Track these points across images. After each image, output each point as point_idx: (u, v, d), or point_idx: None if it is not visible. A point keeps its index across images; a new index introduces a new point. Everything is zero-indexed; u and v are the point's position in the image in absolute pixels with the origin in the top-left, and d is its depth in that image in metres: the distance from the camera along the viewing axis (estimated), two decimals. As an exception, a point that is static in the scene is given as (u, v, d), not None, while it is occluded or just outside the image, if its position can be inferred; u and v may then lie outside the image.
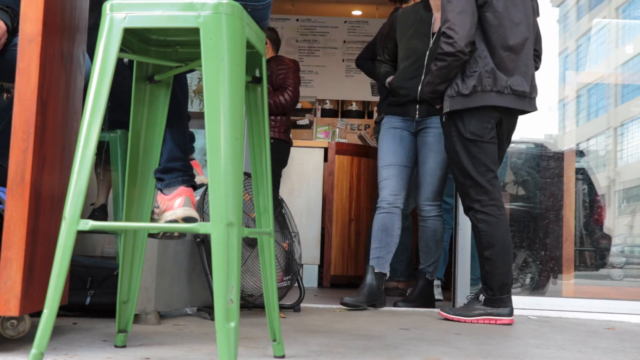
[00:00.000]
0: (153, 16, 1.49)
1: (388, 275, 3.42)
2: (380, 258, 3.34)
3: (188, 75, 2.06)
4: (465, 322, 2.82)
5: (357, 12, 7.22)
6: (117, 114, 2.38)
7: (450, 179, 3.54)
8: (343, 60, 7.06)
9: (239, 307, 1.38)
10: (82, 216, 1.45)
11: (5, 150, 1.68)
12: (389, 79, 3.64)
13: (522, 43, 2.87)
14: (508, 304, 2.84)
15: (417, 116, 3.46)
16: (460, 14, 2.75)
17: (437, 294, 4.04)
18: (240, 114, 1.46)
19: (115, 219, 2.64)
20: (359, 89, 6.73)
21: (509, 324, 2.80)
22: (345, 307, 3.21)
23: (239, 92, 1.46)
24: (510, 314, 2.83)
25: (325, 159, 5.04)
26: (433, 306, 3.43)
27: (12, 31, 1.94)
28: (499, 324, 2.79)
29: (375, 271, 3.31)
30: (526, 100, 2.90)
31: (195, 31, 1.46)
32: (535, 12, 3.04)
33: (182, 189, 1.85)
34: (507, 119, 2.91)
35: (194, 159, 2.77)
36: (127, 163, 1.80)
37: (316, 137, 6.14)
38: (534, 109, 2.97)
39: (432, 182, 3.43)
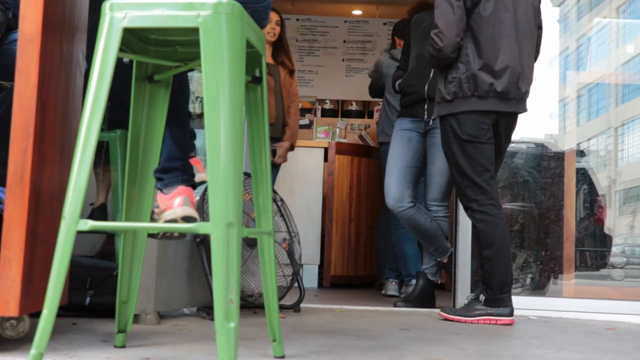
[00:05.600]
0: (152, 16, 1.49)
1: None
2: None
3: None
4: (465, 322, 2.82)
5: (357, 12, 7.22)
6: (116, 114, 2.37)
7: None
8: (343, 60, 7.06)
9: (239, 307, 1.38)
10: (82, 216, 1.44)
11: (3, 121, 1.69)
12: (397, 82, 3.67)
13: (512, 44, 2.85)
14: (508, 303, 2.84)
15: (425, 116, 3.49)
16: (447, 20, 2.80)
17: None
18: (240, 114, 1.46)
19: (115, 219, 2.63)
20: (359, 88, 6.73)
21: (510, 324, 2.80)
22: (345, 308, 3.21)
23: (239, 92, 1.46)
24: (511, 313, 2.82)
25: (325, 159, 5.04)
26: (433, 306, 3.43)
27: (8, 28, 1.94)
28: (500, 324, 2.79)
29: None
30: (512, 102, 2.87)
31: (194, 31, 1.45)
32: (537, 11, 3.02)
33: (181, 188, 1.85)
34: (503, 119, 2.91)
35: (195, 155, 2.77)
36: (126, 163, 1.80)
37: (316, 137, 6.14)
38: (522, 110, 2.95)
39: (439, 183, 3.44)
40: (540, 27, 3.06)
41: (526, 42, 2.92)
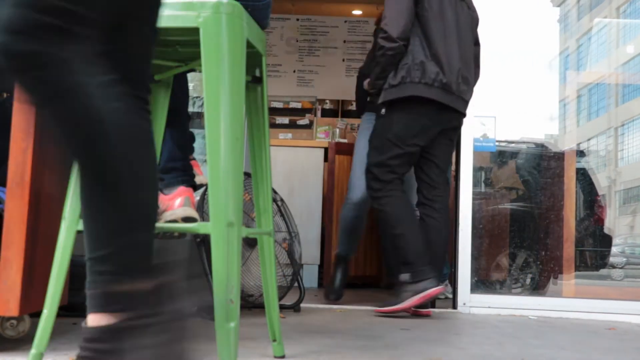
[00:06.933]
0: (153, 16, 1.48)
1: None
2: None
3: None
4: (398, 310, 2.87)
5: (357, 12, 7.21)
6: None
7: None
8: (343, 60, 7.05)
9: (239, 307, 1.38)
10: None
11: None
12: (366, 81, 3.69)
13: (453, 43, 2.96)
14: (430, 274, 2.85)
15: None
16: (396, 11, 2.94)
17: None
18: (240, 114, 1.46)
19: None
20: (359, 88, 6.73)
21: (441, 292, 2.89)
22: (345, 308, 3.21)
23: (239, 92, 1.46)
24: (437, 283, 2.85)
25: (326, 159, 5.03)
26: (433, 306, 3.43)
27: None
28: (434, 296, 2.85)
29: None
30: (454, 98, 2.95)
31: (195, 31, 1.45)
32: (475, 25, 3.13)
33: (182, 189, 1.85)
34: (438, 118, 2.96)
35: (194, 158, 2.76)
36: (127, 163, 1.80)
37: (316, 137, 6.14)
38: (462, 108, 3.01)
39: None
40: (477, 44, 3.15)
41: (466, 47, 3.03)
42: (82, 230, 1.44)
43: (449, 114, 2.97)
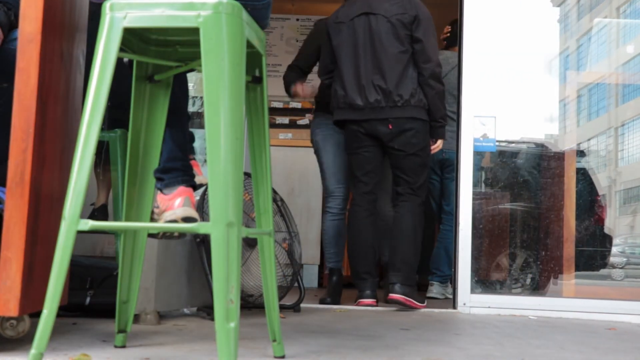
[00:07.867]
0: (153, 16, 1.49)
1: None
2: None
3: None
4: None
5: (357, 12, 7.20)
6: (117, 113, 2.37)
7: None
8: (343, 60, 7.04)
9: (239, 307, 1.38)
10: (82, 216, 1.44)
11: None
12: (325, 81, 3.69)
13: (363, 57, 3.33)
14: (363, 288, 3.33)
15: None
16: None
17: (437, 293, 4.04)
18: (240, 114, 1.46)
19: (115, 219, 2.63)
20: (360, 88, 6.71)
21: (369, 306, 3.29)
22: (345, 308, 3.21)
23: (239, 92, 1.46)
24: (368, 297, 3.32)
25: (326, 159, 5.02)
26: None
27: (10, 28, 1.93)
28: (362, 305, 3.31)
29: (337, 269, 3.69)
30: (367, 111, 3.30)
31: (195, 31, 1.45)
32: (398, 25, 3.29)
33: (181, 189, 1.85)
34: (374, 128, 3.30)
35: (193, 158, 2.76)
36: (127, 163, 1.80)
37: (316, 137, 6.11)
38: (382, 116, 3.28)
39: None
40: (417, 41, 3.31)
41: (382, 55, 3.30)
42: (82, 230, 1.45)
43: (371, 122, 3.32)
